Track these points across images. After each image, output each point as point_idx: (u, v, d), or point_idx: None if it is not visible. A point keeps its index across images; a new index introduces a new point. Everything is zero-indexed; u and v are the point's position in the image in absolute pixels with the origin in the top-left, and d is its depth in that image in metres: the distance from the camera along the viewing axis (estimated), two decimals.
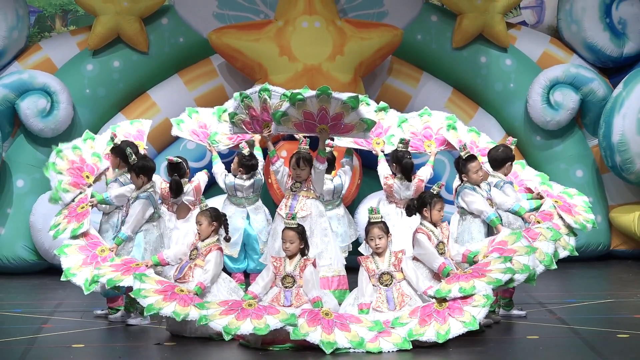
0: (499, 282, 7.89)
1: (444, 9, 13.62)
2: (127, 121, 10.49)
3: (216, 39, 12.71)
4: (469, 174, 8.80)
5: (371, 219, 8.19)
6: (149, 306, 7.79)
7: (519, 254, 8.12)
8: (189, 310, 7.76)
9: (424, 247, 8.23)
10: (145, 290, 7.90)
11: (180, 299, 7.84)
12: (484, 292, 7.80)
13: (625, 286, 11.13)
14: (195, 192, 10.00)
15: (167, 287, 8.00)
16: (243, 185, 10.13)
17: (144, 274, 8.13)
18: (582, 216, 9.07)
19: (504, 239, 8.34)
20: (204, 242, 8.39)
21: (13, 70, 12.89)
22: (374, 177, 10.28)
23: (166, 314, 7.77)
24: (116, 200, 9.07)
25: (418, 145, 10.02)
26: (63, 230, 8.88)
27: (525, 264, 8.07)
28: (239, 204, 10.21)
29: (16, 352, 7.64)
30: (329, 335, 7.48)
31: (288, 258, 8.13)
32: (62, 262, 8.68)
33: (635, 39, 13.52)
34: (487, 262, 8.09)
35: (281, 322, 7.54)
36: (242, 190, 10.14)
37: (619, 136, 12.52)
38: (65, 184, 9.22)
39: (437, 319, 7.68)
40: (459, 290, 7.81)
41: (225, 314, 7.67)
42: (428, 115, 10.19)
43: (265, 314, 7.61)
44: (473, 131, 10.04)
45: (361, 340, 7.51)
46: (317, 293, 8.00)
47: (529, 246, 8.23)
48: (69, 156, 9.46)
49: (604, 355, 7.28)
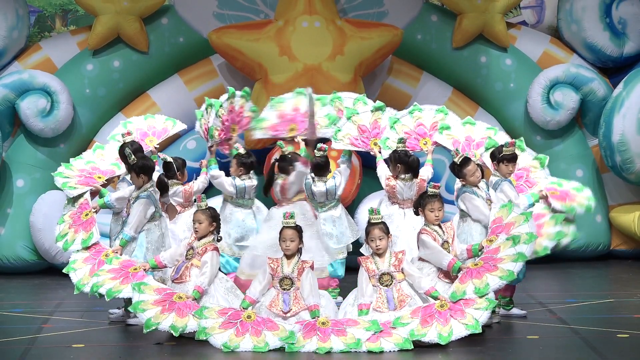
0: (512, 274, 7.84)
1: (444, 8, 13.62)
2: (155, 117, 10.50)
3: (216, 38, 12.71)
4: (466, 177, 8.78)
5: (371, 220, 8.18)
6: (147, 322, 7.80)
7: (517, 225, 8.09)
8: (187, 321, 7.79)
9: (429, 246, 8.21)
10: (144, 303, 7.89)
11: (178, 309, 7.86)
12: (497, 286, 7.79)
13: (625, 286, 11.13)
14: (184, 195, 10.00)
15: (166, 295, 8.00)
16: (252, 185, 10.11)
17: (143, 282, 8.11)
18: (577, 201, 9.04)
19: (498, 215, 8.30)
20: (200, 242, 8.38)
21: (13, 70, 12.89)
22: (374, 177, 10.27)
23: (164, 329, 7.78)
24: (117, 203, 9.06)
25: (414, 144, 9.99)
26: (72, 242, 8.81)
27: (529, 232, 8.03)
28: (246, 206, 10.16)
29: (16, 352, 7.64)
30: (324, 343, 7.51)
31: (286, 258, 8.12)
32: (72, 278, 8.64)
33: (635, 39, 13.52)
34: (496, 247, 8.03)
35: (280, 340, 7.58)
36: (251, 191, 10.12)
37: (619, 136, 12.52)
38: (72, 184, 9.22)
39: (438, 319, 7.68)
40: (473, 291, 7.79)
41: (224, 327, 7.69)
42: (419, 111, 10.13)
43: (264, 329, 7.64)
44: (468, 123, 9.91)
45: (357, 341, 7.51)
46: (315, 300, 7.98)
47: (524, 212, 8.19)
48: (79, 166, 9.49)
49: (604, 355, 7.28)
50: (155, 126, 10.23)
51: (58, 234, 8.96)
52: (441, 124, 9.88)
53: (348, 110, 10.14)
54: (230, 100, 9.87)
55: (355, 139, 10.05)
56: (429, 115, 10.10)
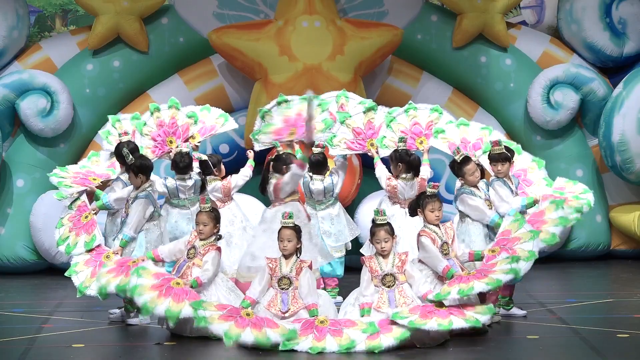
0: (499, 282, 7.88)
1: (444, 8, 13.62)
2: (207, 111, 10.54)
3: (216, 38, 12.71)
4: (465, 176, 8.79)
5: (377, 221, 8.15)
6: (144, 306, 7.78)
7: (522, 241, 8.10)
8: (182, 306, 7.74)
9: (428, 250, 8.20)
10: (141, 287, 7.86)
11: (175, 294, 7.83)
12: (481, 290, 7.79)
13: (625, 286, 11.13)
14: (223, 190, 10.14)
15: (164, 280, 7.98)
16: (186, 185, 9.96)
17: (142, 266, 8.08)
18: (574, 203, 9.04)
19: (508, 228, 8.30)
20: (203, 242, 8.39)
21: (13, 70, 12.88)
22: (374, 177, 10.26)
23: (159, 313, 7.76)
24: (115, 204, 9.06)
25: (410, 143, 10.00)
26: (74, 245, 8.81)
27: (530, 250, 8.04)
28: (182, 206, 10.01)
29: (16, 352, 7.64)
30: (319, 342, 7.50)
31: (284, 258, 8.12)
32: (74, 281, 8.66)
33: (635, 39, 13.52)
34: (494, 262, 8.05)
35: (282, 336, 7.56)
36: (186, 191, 10.09)
37: (619, 136, 12.51)
38: (68, 183, 9.23)
39: (438, 315, 7.67)
40: (457, 292, 7.79)
41: (224, 318, 7.68)
42: (414, 110, 10.15)
43: (264, 327, 7.63)
44: (462, 124, 9.92)
45: (352, 342, 7.50)
46: (313, 300, 7.98)
47: (532, 230, 8.19)
48: (74, 169, 9.52)
49: (604, 355, 7.28)
50: (206, 122, 10.28)
51: (59, 237, 8.94)
52: (435, 128, 9.88)
53: (340, 115, 10.16)
54: (157, 115, 10.03)
55: (351, 143, 10.07)
56: (424, 114, 10.12)
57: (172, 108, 10.30)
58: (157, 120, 10.14)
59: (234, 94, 13.10)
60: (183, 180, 9.92)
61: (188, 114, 10.33)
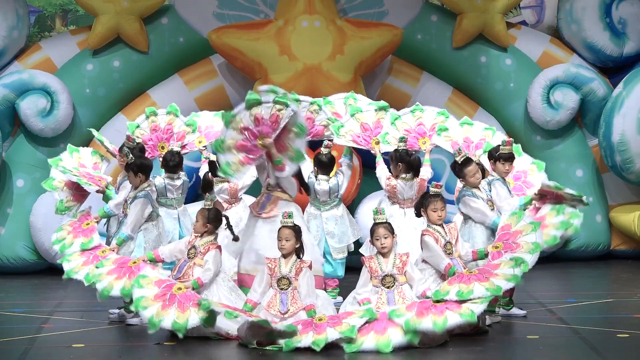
0: (499, 290, 7.78)
1: (444, 8, 13.62)
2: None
3: (216, 38, 12.72)
4: (466, 177, 8.77)
5: (376, 220, 8.15)
6: (150, 320, 7.73)
7: (525, 234, 8.08)
8: (188, 315, 7.73)
9: (431, 249, 8.19)
10: (144, 299, 7.84)
11: (179, 302, 7.83)
12: (480, 295, 7.72)
13: (625, 286, 11.13)
14: (230, 192, 10.22)
15: (165, 288, 7.98)
16: (174, 185, 10.10)
17: (142, 275, 8.07)
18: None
19: (507, 222, 8.29)
20: (202, 241, 8.39)
21: (13, 70, 12.89)
22: (374, 177, 10.27)
23: (166, 327, 7.72)
24: (116, 210, 9.05)
25: (412, 142, 10.00)
26: (70, 245, 8.75)
27: (534, 242, 8.01)
28: (169, 206, 10.15)
29: (16, 352, 7.64)
30: (320, 335, 7.49)
31: (283, 258, 8.11)
32: (64, 267, 8.55)
33: (635, 39, 13.52)
34: (497, 263, 8.01)
35: (283, 327, 7.56)
36: (174, 191, 10.13)
37: (619, 136, 12.51)
38: (67, 202, 9.22)
39: (434, 312, 7.65)
40: (456, 293, 7.74)
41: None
42: (420, 111, 10.16)
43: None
44: (465, 123, 9.92)
45: (352, 328, 7.47)
46: (312, 300, 7.97)
47: (533, 222, 8.16)
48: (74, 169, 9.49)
49: (604, 355, 7.28)
50: (215, 125, 10.27)
51: (55, 239, 8.89)
52: (439, 126, 9.88)
53: (352, 108, 10.16)
54: (152, 119, 10.02)
55: (357, 136, 10.06)
56: (430, 116, 10.12)
57: (170, 114, 10.32)
58: (151, 125, 10.19)
59: (234, 94, 13.10)
60: (172, 179, 9.98)
61: (187, 122, 10.31)
